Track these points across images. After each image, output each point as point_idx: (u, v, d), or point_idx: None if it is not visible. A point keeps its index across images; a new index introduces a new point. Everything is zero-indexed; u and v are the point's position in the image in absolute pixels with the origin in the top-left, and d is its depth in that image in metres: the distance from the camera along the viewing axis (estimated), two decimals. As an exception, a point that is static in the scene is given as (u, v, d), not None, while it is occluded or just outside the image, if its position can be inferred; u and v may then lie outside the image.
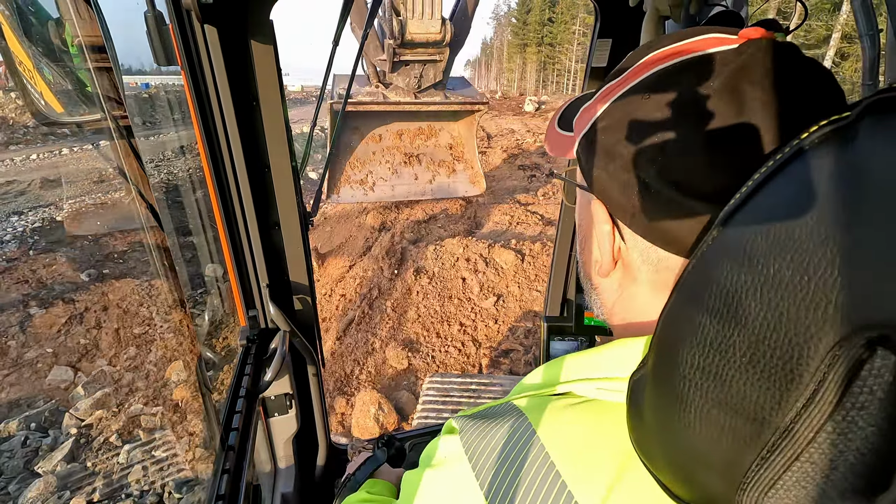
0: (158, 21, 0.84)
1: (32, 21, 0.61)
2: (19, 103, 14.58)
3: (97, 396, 4.11)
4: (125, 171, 0.67)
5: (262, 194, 1.17)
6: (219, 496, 0.87)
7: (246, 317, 1.29)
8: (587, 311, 1.46)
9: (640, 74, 0.43)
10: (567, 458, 0.39)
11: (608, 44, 1.27)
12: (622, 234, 0.46)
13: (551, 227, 8.43)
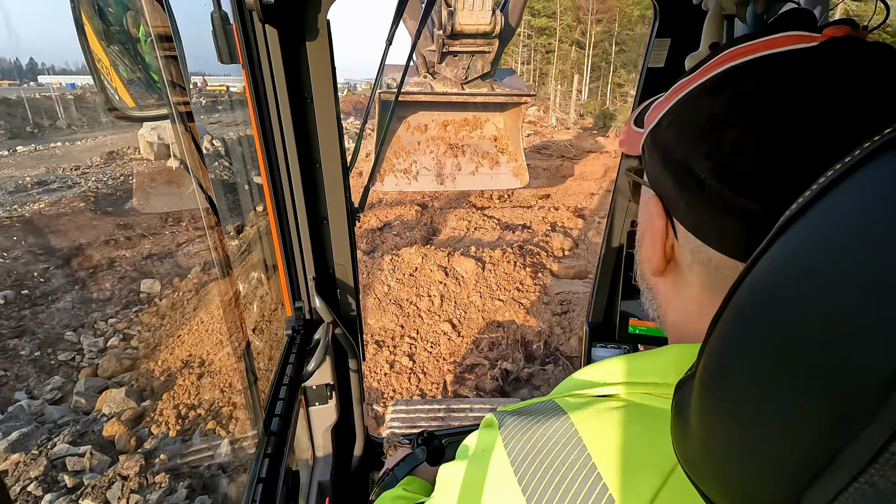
0: (224, 21, 0.90)
1: (111, 21, 0.64)
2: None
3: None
4: (187, 164, 0.69)
5: (313, 189, 1.22)
6: (260, 479, 0.92)
7: (292, 308, 1.34)
8: (633, 318, 1.44)
9: (710, 71, 0.42)
10: (609, 462, 0.38)
11: (666, 44, 1.23)
12: (676, 231, 0.45)
13: (509, 231, 8.29)
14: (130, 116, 0.70)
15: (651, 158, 0.47)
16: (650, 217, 0.48)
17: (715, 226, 0.41)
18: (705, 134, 0.40)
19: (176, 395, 4.60)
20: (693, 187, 0.41)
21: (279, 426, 1.03)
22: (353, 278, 1.38)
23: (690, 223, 0.43)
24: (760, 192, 0.36)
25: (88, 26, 0.62)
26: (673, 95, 0.45)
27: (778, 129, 0.36)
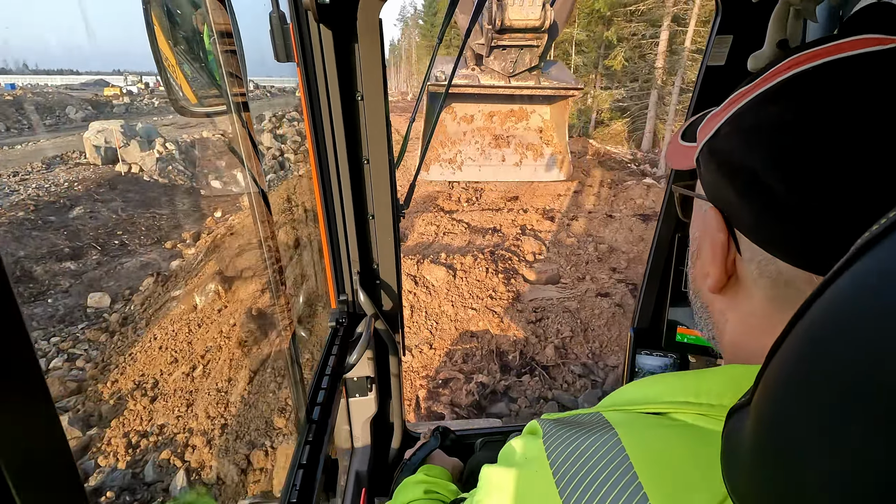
0: (281, 20, 0.95)
1: (178, 22, 0.67)
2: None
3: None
4: (242, 158, 0.73)
5: (360, 186, 1.24)
6: (301, 464, 0.95)
7: (337, 300, 1.37)
8: (680, 326, 1.42)
9: (774, 78, 0.41)
10: (657, 482, 0.37)
11: (728, 41, 1.18)
12: (738, 245, 0.44)
13: (479, 235, 8.14)
14: (193, 112, 0.72)
15: (709, 170, 0.46)
16: (708, 231, 0.47)
17: (785, 236, 0.39)
18: (773, 142, 0.39)
19: (230, 381, 4.77)
20: (760, 197, 0.40)
21: (320, 415, 1.06)
22: (396, 274, 1.41)
23: (757, 235, 0.42)
24: (835, 200, 0.35)
25: (158, 27, 0.65)
26: (732, 105, 0.44)
27: (851, 137, 0.35)
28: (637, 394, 0.49)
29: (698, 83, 1.28)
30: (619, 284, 6.24)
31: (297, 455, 0.99)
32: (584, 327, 5.29)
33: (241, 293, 6.39)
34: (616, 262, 7.22)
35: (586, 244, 7.85)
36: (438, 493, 0.93)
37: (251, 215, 1.09)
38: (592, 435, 0.43)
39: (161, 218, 11.97)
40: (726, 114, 0.44)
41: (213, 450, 4.25)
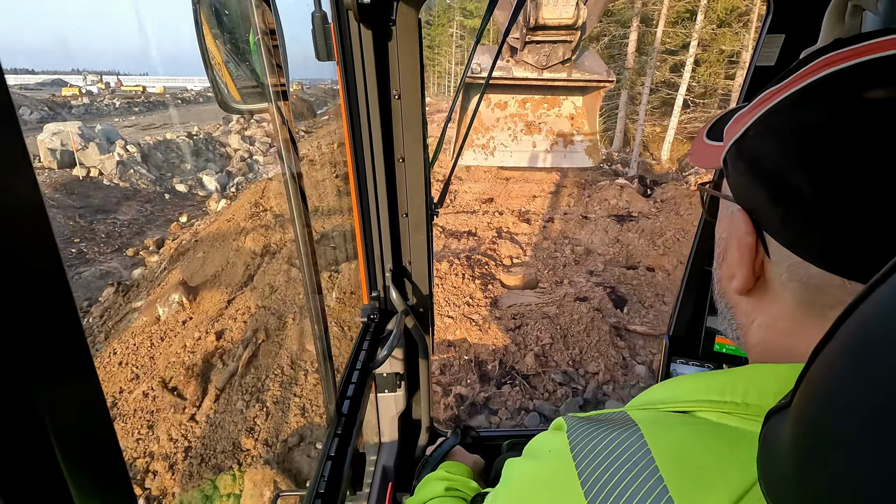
0: (323, 20, 0.96)
1: (225, 22, 0.69)
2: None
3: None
4: (282, 154, 0.73)
5: (395, 184, 1.25)
6: (329, 456, 0.97)
7: (369, 296, 1.39)
8: (719, 336, 1.40)
9: (806, 78, 0.40)
10: (678, 477, 0.37)
11: (779, 40, 1.16)
12: (767, 247, 0.44)
13: (454, 239, 7.99)
14: (237, 109, 0.74)
15: (737, 171, 0.46)
16: (735, 232, 0.46)
17: (817, 240, 0.39)
18: (805, 143, 0.38)
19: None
20: (791, 200, 0.39)
21: (350, 408, 1.08)
22: (428, 272, 1.42)
23: (787, 238, 0.41)
24: (869, 203, 0.34)
25: (206, 26, 0.67)
26: (762, 104, 0.43)
27: (886, 140, 0.34)
28: (663, 393, 0.49)
29: (745, 84, 1.24)
30: (596, 288, 6.18)
31: (326, 447, 1.00)
32: (563, 333, 5.19)
33: (277, 288, 6.17)
34: (593, 264, 7.18)
35: (563, 246, 7.80)
36: (459, 490, 0.94)
37: (288, 210, 0.97)
38: (616, 431, 0.44)
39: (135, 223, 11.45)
40: (755, 113, 0.43)
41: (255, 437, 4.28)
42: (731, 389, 0.43)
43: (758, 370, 0.44)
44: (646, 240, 7.82)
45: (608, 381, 4.73)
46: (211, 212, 12.18)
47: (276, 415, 4.37)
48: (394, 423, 1.54)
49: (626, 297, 6.15)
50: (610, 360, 4.92)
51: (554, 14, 6.30)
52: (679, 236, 7.90)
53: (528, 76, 7.02)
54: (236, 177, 15.39)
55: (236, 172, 15.86)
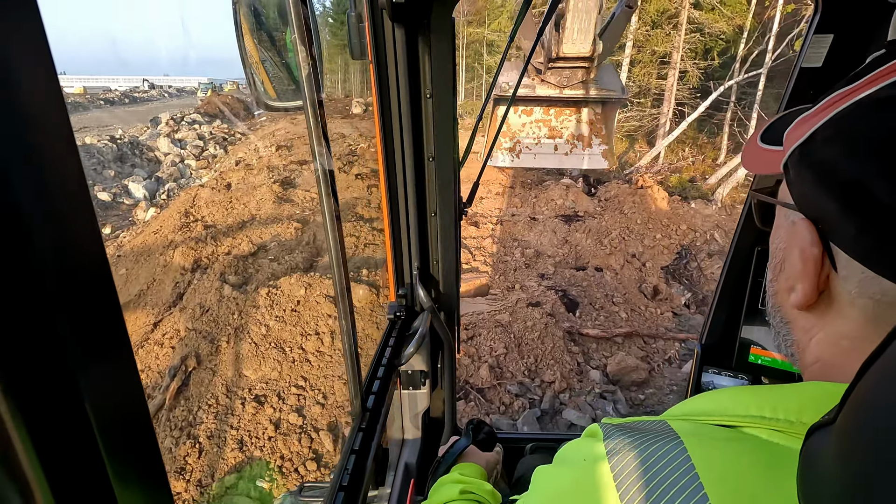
0: (358, 19, 0.98)
1: (263, 21, 0.71)
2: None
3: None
4: (315, 151, 0.74)
5: (425, 183, 1.27)
6: (353, 450, 0.98)
7: (396, 294, 1.41)
8: (755, 346, 1.36)
9: (883, 80, 0.38)
10: (724, 496, 0.36)
11: (827, 41, 1.11)
12: (834, 260, 0.42)
13: (402, 245, 7.67)
14: (273, 107, 0.76)
15: (801, 178, 0.44)
16: (798, 243, 0.44)
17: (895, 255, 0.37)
18: (886, 150, 0.36)
19: (293, 363, 4.81)
20: (868, 211, 0.37)
21: (374, 404, 1.08)
22: (456, 271, 1.43)
23: (861, 251, 0.39)
24: None
25: (245, 25, 0.69)
26: (831, 107, 0.42)
27: None
28: (707, 405, 0.47)
29: (790, 85, 1.22)
30: (548, 292, 6.13)
31: (350, 441, 1.00)
32: (517, 342, 5.07)
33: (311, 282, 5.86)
34: (543, 267, 7.14)
35: (513, 250, 7.73)
36: (474, 493, 0.93)
37: (320, 208, 0.87)
38: (657, 442, 0.42)
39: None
40: (823, 117, 0.42)
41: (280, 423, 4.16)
42: (785, 406, 0.41)
43: (815, 387, 0.43)
44: (593, 239, 7.90)
45: (564, 390, 4.64)
46: (139, 221, 11.25)
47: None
48: (417, 420, 1.55)
49: (577, 299, 6.12)
50: (565, 367, 4.83)
51: (573, 50, 7.06)
52: (624, 235, 8.02)
53: (550, 94, 7.94)
54: (167, 183, 14.37)
55: (167, 178, 14.81)
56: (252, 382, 4.57)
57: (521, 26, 1.42)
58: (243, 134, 20.66)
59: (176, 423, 4.22)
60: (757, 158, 0.52)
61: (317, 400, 4.37)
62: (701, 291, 6.82)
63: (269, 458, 3.85)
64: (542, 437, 1.92)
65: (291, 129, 16.79)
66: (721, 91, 12.97)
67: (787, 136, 0.47)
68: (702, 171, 13.32)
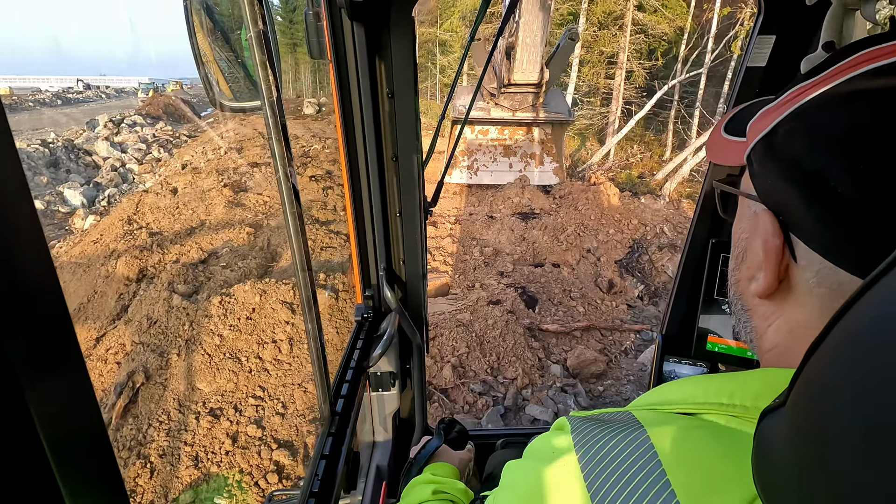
0: (316, 18, 0.96)
1: (216, 19, 0.69)
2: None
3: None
4: (275, 152, 0.73)
5: (389, 183, 1.26)
6: (323, 455, 0.97)
7: (363, 296, 1.40)
8: (711, 335, 1.40)
9: (844, 73, 0.39)
10: (686, 482, 0.37)
11: (770, 41, 1.16)
12: (794, 250, 0.43)
13: (360, 247, 7.56)
14: (230, 107, 0.74)
15: (764, 170, 0.44)
16: (760, 234, 0.44)
17: (855, 247, 0.37)
18: (848, 143, 0.37)
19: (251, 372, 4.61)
20: (829, 203, 0.38)
21: (344, 407, 1.07)
22: (422, 271, 1.43)
23: (822, 242, 0.40)
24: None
25: (197, 23, 0.67)
26: (793, 100, 0.42)
27: None
28: (669, 394, 0.48)
29: (737, 84, 1.25)
30: (508, 289, 6.19)
31: (319, 446, 1.00)
32: (479, 340, 5.08)
33: (266, 288, 5.65)
34: (502, 265, 7.20)
35: (472, 248, 7.76)
36: (447, 492, 0.93)
37: (282, 210, 0.82)
38: (622, 433, 0.43)
39: None
40: (785, 110, 0.43)
41: (238, 436, 3.99)
42: (742, 393, 0.42)
43: (771, 374, 0.44)
44: (549, 236, 8.03)
45: (527, 386, 4.69)
46: (76, 230, 10.59)
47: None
48: (388, 421, 1.54)
49: (536, 296, 6.21)
50: (527, 363, 4.89)
51: (522, 78, 8.09)
52: (579, 231, 8.20)
53: (503, 116, 8.91)
54: (107, 189, 13.61)
55: (107, 184, 14.02)
56: (206, 395, 4.38)
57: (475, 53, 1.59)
58: (190, 136, 19.83)
59: (124, 444, 3.99)
60: (721, 149, 0.52)
61: (277, 409, 4.24)
62: (653, 283, 7.07)
63: (228, 473, 3.70)
64: (513, 432, 1.95)
65: (242, 131, 16.26)
66: (665, 90, 13.52)
67: (750, 127, 0.47)
68: (650, 167, 13.83)
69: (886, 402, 0.19)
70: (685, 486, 0.37)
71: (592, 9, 15.58)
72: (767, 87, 1.15)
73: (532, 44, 8.01)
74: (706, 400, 0.44)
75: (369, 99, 1.11)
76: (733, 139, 0.50)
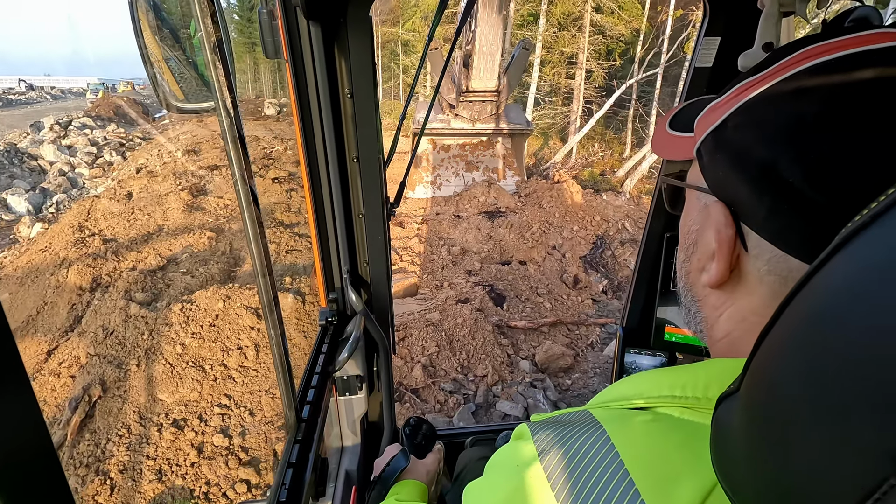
0: (270, 16, 0.94)
1: (164, 17, 0.67)
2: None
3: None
4: (231, 154, 0.72)
5: (350, 184, 1.25)
6: (290, 463, 0.96)
7: (326, 299, 1.38)
8: (669, 325, 1.44)
9: (790, 69, 0.40)
10: (646, 476, 0.38)
11: (716, 43, 1.21)
12: (745, 240, 0.44)
13: (326, 249, 7.46)
14: (182, 109, 0.72)
15: (715, 162, 0.45)
16: (713, 225, 0.45)
17: (804, 234, 0.38)
18: (797, 135, 0.38)
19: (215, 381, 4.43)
20: (779, 193, 0.39)
21: (310, 413, 1.06)
22: (387, 273, 1.42)
23: (771, 231, 0.41)
24: (864, 195, 0.33)
25: (144, 22, 0.65)
26: (740, 95, 0.44)
27: (884, 129, 0.34)
28: (623, 391, 0.49)
29: (686, 84, 1.31)
30: (476, 288, 6.23)
31: (286, 454, 0.98)
32: (449, 339, 5.10)
33: (230, 293, 5.41)
34: (470, 263, 7.25)
35: (439, 248, 7.77)
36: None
37: (240, 212, 0.78)
38: (583, 434, 0.43)
39: None
40: (735, 104, 0.44)
41: (204, 446, 3.84)
42: (693, 384, 0.43)
43: (720, 364, 0.45)
44: (516, 234, 8.13)
45: (497, 382, 4.74)
46: (22, 239, 10.04)
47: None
48: (356, 426, 1.52)
49: (504, 293, 6.27)
50: (496, 360, 4.93)
51: (480, 85, 8.34)
52: (545, 228, 8.33)
53: (464, 126, 9.05)
54: (55, 195, 12.95)
55: (55, 189, 13.34)
56: (169, 406, 4.23)
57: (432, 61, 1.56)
58: (144, 138, 19.07)
59: (81, 461, 3.81)
60: (667, 145, 0.53)
61: (244, 417, 4.14)
62: (616, 278, 7.25)
63: (194, 485, 3.59)
64: (481, 429, 1.95)
65: (199, 133, 15.76)
66: (623, 90, 13.88)
67: (698, 122, 0.48)
68: (611, 164, 14.18)
69: (831, 383, 0.20)
70: (646, 480, 0.37)
71: (552, 10, 15.84)
72: (714, 87, 1.20)
73: (489, 52, 8.25)
74: (659, 393, 0.45)
75: (328, 99, 1.10)
76: (679, 135, 0.51)
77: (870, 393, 0.19)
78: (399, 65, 24.94)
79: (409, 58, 23.84)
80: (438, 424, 4.23)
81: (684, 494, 0.36)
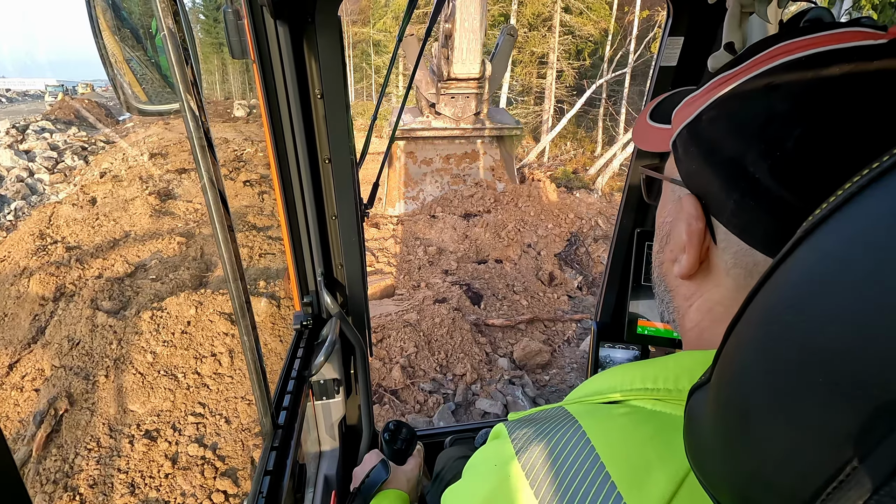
0: (236, 16, 0.92)
1: (124, 16, 0.65)
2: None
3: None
4: (198, 157, 0.70)
5: (322, 186, 1.24)
6: (267, 471, 0.95)
7: (301, 303, 1.37)
8: (641, 319, 1.46)
9: (761, 65, 0.41)
10: (621, 469, 0.39)
11: (679, 42, 1.23)
12: (714, 233, 0.45)
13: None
14: (145, 111, 0.70)
15: (689, 155, 0.46)
16: (684, 218, 0.46)
17: (769, 229, 0.39)
18: (765, 131, 0.39)
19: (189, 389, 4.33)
20: (746, 187, 0.40)
21: (287, 419, 1.05)
22: (362, 274, 1.41)
23: (738, 225, 0.42)
24: (827, 190, 0.32)
25: (103, 22, 0.63)
26: (715, 90, 0.44)
27: (848, 127, 0.35)
28: (597, 385, 0.50)
29: (652, 83, 1.33)
30: (453, 287, 6.24)
31: (262, 462, 0.97)
32: (427, 339, 5.09)
33: (202, 299, 5.29)
34: (447, 263, 7.25)
35: (415, 248, 7.76)
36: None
37: (209, 216, 0.76)
38: (559, 430, 0.44)
39: None
40: (708, 98, 0.44)
41: (178, 457, 3.74)
42: (664, 377, 0.44)
43: (689, 356, 0.46)
44: (491, 233, 8.17)
45: (476, 381, 4.75)
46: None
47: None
48: (334, 430, 1.50)
49: (481, 292, 6.30)
50: (475, 359, 4.95)
51: (463, 70, 7.56)
52: (520, 227, 8.40)
53: (446, 126, 8.10)
54: (13, 202, 12.43)
55: (13, 196, 12.81)
56: (140, 417, 4.10)
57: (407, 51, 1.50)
58: (107, 142, 18.45)
59: (48, 477, 3.67)
60: (647, 136, 0.54)
61: (219, 426, 4.05)
62: (591, 274, 7.37)
63: (168, 497, 3.49)
64: (460, 428, 1.96)
65: (166, 135, 15.34)
66: (594, 89, 14.11)
67: (675, 115, 0.49)
68: (583, 162, 14.40)
69: (793, 372, 0.21)
70: (621, 471, 0.38)
71: (522, 11, 16.00)
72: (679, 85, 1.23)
73: (471, 28, 7.37)
74: (632, 386, 0.45)
75: (298, 100, 1.09)
76: (658, 126, 0.52)
77: (829, 380, 0.19)
78: (371, 65, 24.82)
79: (380, 58, 23.73)
80: (418, 425, 4.23)
81: (658, 483, 0.37)
